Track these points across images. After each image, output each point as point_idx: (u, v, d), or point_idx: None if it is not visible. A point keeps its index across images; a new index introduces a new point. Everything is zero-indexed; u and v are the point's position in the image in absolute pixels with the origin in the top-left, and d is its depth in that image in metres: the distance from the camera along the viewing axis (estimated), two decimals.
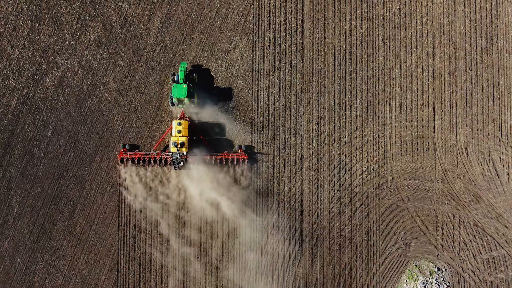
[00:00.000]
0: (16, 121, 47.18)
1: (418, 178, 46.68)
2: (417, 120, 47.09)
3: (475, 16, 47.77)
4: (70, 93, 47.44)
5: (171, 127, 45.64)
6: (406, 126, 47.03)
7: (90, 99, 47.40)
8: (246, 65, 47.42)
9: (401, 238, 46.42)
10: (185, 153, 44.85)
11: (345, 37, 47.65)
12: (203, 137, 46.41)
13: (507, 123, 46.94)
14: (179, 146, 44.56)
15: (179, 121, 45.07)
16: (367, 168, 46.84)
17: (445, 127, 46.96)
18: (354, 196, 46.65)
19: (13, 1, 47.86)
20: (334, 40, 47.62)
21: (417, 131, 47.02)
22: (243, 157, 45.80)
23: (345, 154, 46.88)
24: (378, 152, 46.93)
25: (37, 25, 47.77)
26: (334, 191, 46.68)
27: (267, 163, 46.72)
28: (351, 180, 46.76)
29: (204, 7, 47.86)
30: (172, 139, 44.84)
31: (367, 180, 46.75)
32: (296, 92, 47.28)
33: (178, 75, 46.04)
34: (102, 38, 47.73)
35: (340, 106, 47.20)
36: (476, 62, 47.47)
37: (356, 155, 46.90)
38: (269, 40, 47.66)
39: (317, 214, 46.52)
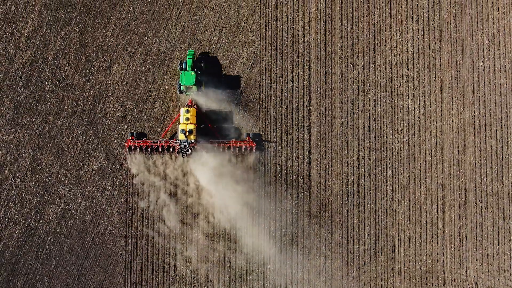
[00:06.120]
0: (18, 254, 46.46)
1: None
2: (426, 255, 46.25)
3: (485, 146, 46.79)
4: (74, 225, 46.68)
5: (179, 115, 45.39)
6: (415, 261, 46.21)
7: (93, 231, 46.64)
8: (252, 199, 46.50)
9: None
10: (193, 141, 44.47)
11: (353, 168, 46.74)
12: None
13: None
14: (187, 133, 44.23)
15: (187, 108, 44.85)
16: None
17: (455, 261, 46.13)
18: None
19: (14, 129, 46.99)
20: (342, 172, 46.71)
21: (426, 266, 46.21)
22: (250, 144, 45.54)
23: None
24: (387, 287, 46.14)
25: (39, 154, 46.93)
26: None
27: None
28: None
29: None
30: (180, 127, 44.60)
31: None
32: (303, 225, 46.42)
33: (185, 63, 45.56)
34: (105, 168, 46.87)
35: (348, 240, 46.37)
36: (486, 194, 46.55)
37: None
38: (275, 172, 46.74)
39: None
